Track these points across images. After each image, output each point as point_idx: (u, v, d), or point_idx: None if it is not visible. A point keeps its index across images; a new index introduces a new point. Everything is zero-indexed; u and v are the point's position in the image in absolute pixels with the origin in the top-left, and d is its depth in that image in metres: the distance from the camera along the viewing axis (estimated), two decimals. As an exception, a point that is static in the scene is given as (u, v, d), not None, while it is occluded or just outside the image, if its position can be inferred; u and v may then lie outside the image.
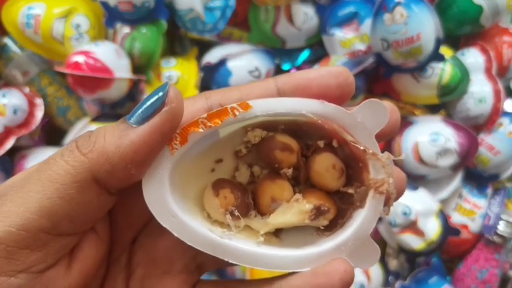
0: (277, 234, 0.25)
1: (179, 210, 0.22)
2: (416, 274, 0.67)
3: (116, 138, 0.20)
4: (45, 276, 0.21)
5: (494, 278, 0.66)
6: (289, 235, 0.25)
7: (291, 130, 0.24)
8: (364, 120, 0.22)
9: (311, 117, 0.22)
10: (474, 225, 0.69)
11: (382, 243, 0.68)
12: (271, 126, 0.24)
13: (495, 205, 0.69)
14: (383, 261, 0.69)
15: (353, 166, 0.24)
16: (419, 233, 0.63)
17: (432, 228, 0.63)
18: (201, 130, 0.22)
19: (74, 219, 0.21)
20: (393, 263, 0.69)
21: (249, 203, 0.24)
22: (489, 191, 0.71)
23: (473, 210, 0.69)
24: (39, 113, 0.68)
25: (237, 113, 0.22)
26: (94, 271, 0.23)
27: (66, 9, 0.65)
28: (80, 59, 0.61)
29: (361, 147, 0.22)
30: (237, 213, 0.23)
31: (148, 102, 0.21)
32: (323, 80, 0.23)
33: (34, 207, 0.20)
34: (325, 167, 0.24)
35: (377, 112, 0.22)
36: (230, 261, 0.23)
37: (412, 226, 0.63)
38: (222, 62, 0.66)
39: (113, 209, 0.23)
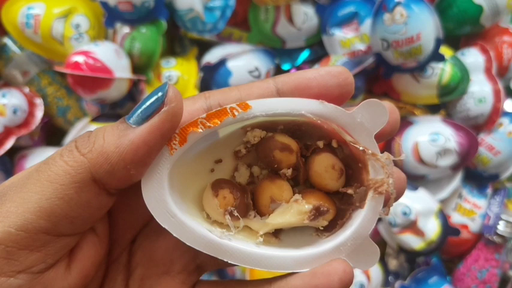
0: (277, 235, 0.25)
1: (178, 210, 0.22)
2: (416, 274, 0.67)
3: (115, 138, 0.20)
4: (44, 277, 0.21)
5: (494, 278, 0.66)
6: (288, 236, 0.25)
7: (290, 130, 0.24)
8: (363, 120, 0.22)
9: (310, 117, 0.22)
10: (474, 225, 0.69)
11: (382, 243, 0.68)
12: (271, 126, 0.24)
13: (495, 205, 0.69)
14: (383, 261, 0.69)
15: (352, 166, 0.24)
16: (419, 233, 0.63)
17: (432, 228, 0.63)
18: (200, 130, 0.22)
19: (73, 220, 0.21)
20: (393, 263, 0.69)
21: (248, 203, 0.24)
22: (489, 191, 0.71)
23: (473, 210, 0.69)
24: (39, 113, 0.68)
25: (236, 113, 0.22)
26: (93, 271, 0.23)
27: (65, 9, 0.65)
28: (80, 59, 0.61)
29: (361, 148, 0.22)
30: (236, 213, 0.23)
31: (148, 102, 0.21)
32: (323, 80, 0.23)
33: (33, 208, 0.20)
34: (324, 167, 0.24)
35: (376, 112, 0.22)
36: (229, 262, 0.23)
37: (412, 226, 0.63)
38: (222, 62, 0.66)
39: (112, 209, 0.23)
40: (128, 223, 0.25)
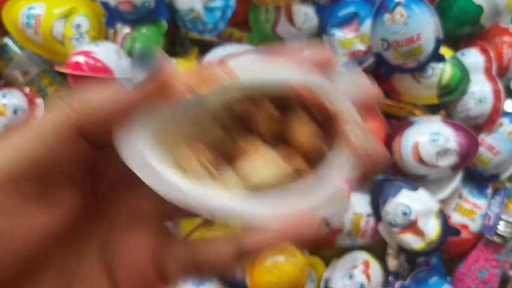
0: (253, 193, 0.25)
1: (155, 161, 0.23)
2: (417, 274, 0.67)
3: (103, 94, 0.21)
4: (23, 222, 0.21)
5: (494, 278, 0.66)
6: (264, 194, 0.25)
7: (272, 96, 0.25)
8: (343, 86, 0.24)
9: (293, 83, 0.23)
10: (474, 226, 0.69)
11: (382, 243, 0.68)
12: (254, 92, 0.25)
13: (495, 205, 0.69)
14: (383, 262, 0.69)
15: (330, 130, 0.25)
16: (419, 233, 0.63)
17: (432, 228, 0.63)
18: (186, 94, 0.22)
19: (54, 167, 0.21)
20: (393, 263, 0.69)
21: (225, 161, 0.25)
22: (489, 191, 0.71)
23: (473, 210, 0.69)
24: (40, 113, 0.68)
25: (223, 81, 0.23)
26: (72, 221, 0.23)
27: (66, 9, 0.65)
28: (81, 59, 0.61)
29: (339, 112, 0.24)
30: (213, 168, 0.24)
31: (141, 67, 0.21)
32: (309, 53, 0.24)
33: (14, 153, 0.20)
34: (303, 130, 0.25)
35: (356, 80, 0.24)
36: (202, 215, 0.23)
37: (412, 226, 0.63)
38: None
39: (93, 162, 0.23)
40: (106, 175, 0.25)
